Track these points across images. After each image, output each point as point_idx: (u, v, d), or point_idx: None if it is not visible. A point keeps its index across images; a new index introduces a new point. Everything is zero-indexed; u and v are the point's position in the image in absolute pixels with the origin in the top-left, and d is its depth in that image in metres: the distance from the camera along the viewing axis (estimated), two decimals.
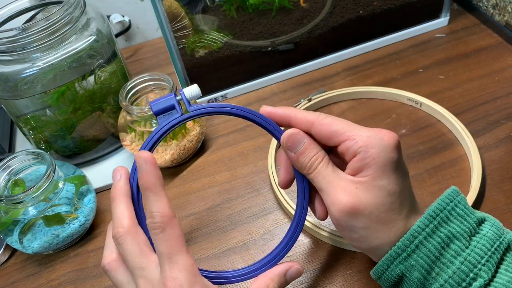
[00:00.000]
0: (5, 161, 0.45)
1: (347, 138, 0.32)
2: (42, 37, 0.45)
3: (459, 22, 0.68)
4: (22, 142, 0.61)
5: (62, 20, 0.46)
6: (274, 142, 0.54)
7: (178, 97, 0.35)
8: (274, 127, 0.35)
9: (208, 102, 0.62)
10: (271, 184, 0.50)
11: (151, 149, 0.34)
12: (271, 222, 0.47)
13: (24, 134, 0.55)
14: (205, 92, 0.61)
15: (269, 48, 0.61)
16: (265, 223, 0.47)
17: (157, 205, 0.31)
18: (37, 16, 0.53)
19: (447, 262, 0.31)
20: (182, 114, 0.35)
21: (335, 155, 0.35)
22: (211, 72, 0.60)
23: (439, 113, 0.54)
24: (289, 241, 0.36)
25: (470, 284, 0.30)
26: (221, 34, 0.59)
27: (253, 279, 0.35)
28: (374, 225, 0.31)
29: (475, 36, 0.66)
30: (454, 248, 0.31)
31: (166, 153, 0.52)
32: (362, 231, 0.32)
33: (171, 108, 0.35)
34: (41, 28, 0.45)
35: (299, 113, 0.34)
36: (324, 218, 0.36)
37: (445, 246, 0.31)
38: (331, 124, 0.33)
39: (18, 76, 0.47)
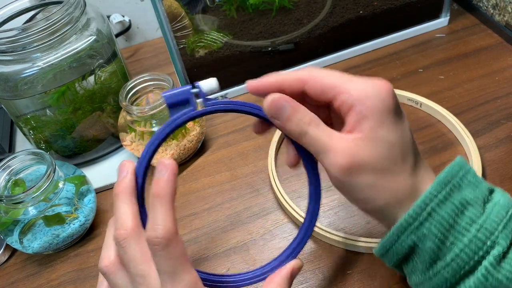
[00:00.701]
0: (5, 161, 0.45)
1: (340, 91, 0.30)
2: (42, 37, 0.45)
3: (459, 22, 0.69)
4: (22, 142, 0.61)
5: (62, 20, 0.46)
6: (274, 142, 0.54)
7: (194, 90, 0.33)
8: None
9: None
10: (271, 184, 0.50)
11: (160, 144, 0.32)
12: (271, 222, 0.47)
13: (24, 134, 0.55)
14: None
15: (269, 48, 0.61)
16: (265, 223, 0.47)
17: (162, 218, 0.28)
18: (37, 16, 0.53)
19: (462, 230, 0.29)
20: (196, 109, 0.32)
21: (335, 116, 0.34)
22: (211, 72, 0.60)
23: (439, 113, 0.54)
24: (300, 243, 0.34)
25: (488, 252, 0.29)
26: (221, 34, 0.59)
27: (263, 281, 0.33)
28: (378, 181, 0.29)
29: (475, 36, 0.66)
30: (469, 215, 0.29)
31: (166, 153, 0.52)
32: (367, 189, 0.30)
33: (186, 102, 0.32)
34: (41, 28, 0.45)
35: (288, 76, 0.32)
36: (290, 165, 0.34)
37: (459, 213, 0.29)
38: (323, 78, 0.31)
39: (18, 76, 0.47)
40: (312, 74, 0.31)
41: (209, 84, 0.33)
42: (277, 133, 0.55)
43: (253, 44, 0.60)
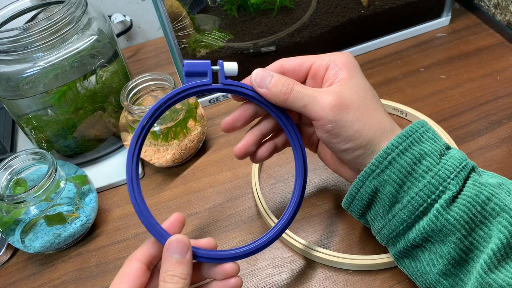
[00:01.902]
0: (6, 160, 0.45)
1: (315, 59, 0.37)
2: (43, 37, 0.46)
3: (460, 21, 0.68)
4: (23, 142, 0.61)
5: (64, 20, 0.46)
6: None
7: (215, 67, 0.35)
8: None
9: (210, 102, 0.62)
10: (252, 192, 0.49)
11: (170, 105, 0.35)
12: None
13: (26, 134, 0.55)
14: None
15: (271, 48, 0.61)
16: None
17: None
18: (38, 16, 0.53)
19: (418, 176, 0.33)
20: (212, 83, 0.35)
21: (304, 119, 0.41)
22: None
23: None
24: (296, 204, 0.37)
25: (439, 196, 0.32)
26: (222, 34, 0.59)
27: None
28: (364, 116, 0.34)
29: (476, 35, 0.66)
30: (425, 164, 0.33)
31: (167, 153, 0.52)
32: (356, 124, 0.34)
33: (203, 74, 0.35)
34: (43, 28, 0.45)
35: (270, 66, 0.37)
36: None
37: (417, 162, 0.33)
38: (296, 57, 0.38)
39: (19, 75, 0.47)
40: (285, 59, 0.38)
41: (231, 66, 0.35)
42: None
43: (255, 44, 0.60)
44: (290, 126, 0.37)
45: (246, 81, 0.36)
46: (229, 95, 0.62)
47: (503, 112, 0.54)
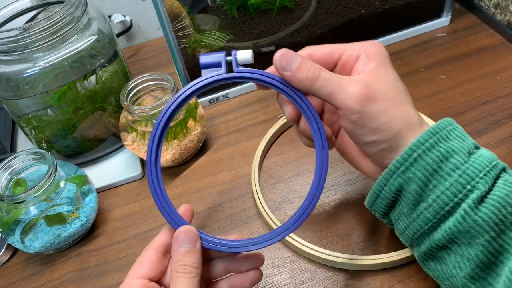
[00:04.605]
0: (6, 160, 0.45)
1: (346, 49, 0.35)
2: (43, 37, 0.46)
3: (460, 21, 0.68)
4: (23, 142, 0.61)
5: (64, 20, 0.46)
6: (261, 147, 0.53)
7: (229, 58, 0.35)
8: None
9: (210, 102, 0.62)
10: (252, 192, 0.49)
11: (187, 98, 0.35)
12: None
13: (26, 134, 0.55)
14: (206, 92, 0.61)
15: (271, 48, 0.61)
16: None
17: None
18: (38, 16, 0.53)
19: (445, 175, 0.32)
20: (226, 73, 0.35)
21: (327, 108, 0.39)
22: None
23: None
24: (311, 200, 0.35)
25: (466, 195, 0.31)
26: (222, 34, 0.59)
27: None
28: (391, 108, 0.32)
29: (476, 35, 0.66)
30: (453, 162, 0.32)
31: (167, 153, 0.52)
32: (383, 116, 0.32)
33: (218, 65, 0.34)
34: (43, 28, 0.45)
35: (300, 52, 0.36)
36: (329, 139, 0.36)
37: (444, 160, 0.32)
38: (325, 45, 0.36)
39: (19, 76, 0.47)
40: (314, 46, 0.36)
41: (245, 54, 0.35)
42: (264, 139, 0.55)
43: (254, 44, 0.60)
44: (313, 116, 0.34)
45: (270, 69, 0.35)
46: (229, 95, 0.62)
47: (503, 112, 0.54)
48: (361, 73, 0.34)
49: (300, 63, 0.33)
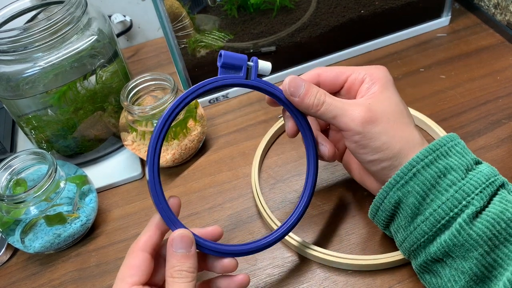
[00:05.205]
0: (6, 160, 0.45)
1: (352, 71, 0.38)
2: (43, 37, 0.46)
3: (460, 21, 0.68)
4: (23, 142, 0.61)
5: (64, 20, 0.46)
6: (261, 147, 0.53)
7: (250, 63, 0.35)
8: None
9: (210, 102, 0.62)
10: (252, 192, 0.49)
11: (202, 94, 0.35)
12: None
13: (26, 134, 0.55)
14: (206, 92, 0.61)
15: (271, 48, 0.61)
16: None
17: None
18: (38, 16, 0.53)
19: (442, 190, 0.33)
20: (245, 78, 0.35)
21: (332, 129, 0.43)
22: (212, 72, 0.59)
23: (421, 121, 0.53)
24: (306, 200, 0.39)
25: (462, 210, 0.32)
26: (222, 34, 0.59)
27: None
28: (393, 129, 0.35)
29: (476, 35, 0.66)
30: (450, 178, 0.33)
31: (167, 153, 0.52)
32: (384, 136, 0.34)
33: (238, 68, 0.35)
34: (43, 28, 0.45)
35: (307, 74, 0.39)
36: (332, 157, 0.39)
37: (441, 176, 0.33)
38: (333, 68, 0.39)
39: (19, 76, 0.47)
40: (322, 68, 0.39)
41: (265, 65, 0.36)
42: (263, 141, 0.55)
43: (255, 44, 0.60)
44: (310, 135, 0.38)
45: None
46: (229, 95, 0.62)
47: (503, 112, 0.54)
48: (364, 96, 0.37)
49: (307, 89, 0.36)
